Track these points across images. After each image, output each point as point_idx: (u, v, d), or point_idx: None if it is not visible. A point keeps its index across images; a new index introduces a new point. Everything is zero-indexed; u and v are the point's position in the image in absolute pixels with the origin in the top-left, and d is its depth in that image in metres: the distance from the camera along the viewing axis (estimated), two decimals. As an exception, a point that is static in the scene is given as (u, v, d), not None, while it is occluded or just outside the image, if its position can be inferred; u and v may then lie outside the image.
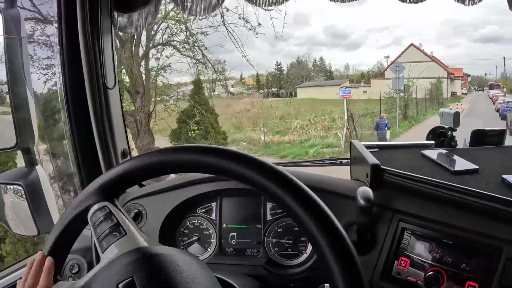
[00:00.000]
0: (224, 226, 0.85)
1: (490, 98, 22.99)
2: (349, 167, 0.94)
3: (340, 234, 0.43)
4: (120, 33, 0.99)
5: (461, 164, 0.80)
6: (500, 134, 1.02)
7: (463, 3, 0.94)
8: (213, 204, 0.86)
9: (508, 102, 14.90)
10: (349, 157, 0.93)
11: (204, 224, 0.87)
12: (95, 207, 0.49)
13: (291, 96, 21.52)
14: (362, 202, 0.63)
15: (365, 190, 0.64)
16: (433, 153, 0.86)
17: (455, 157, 0.84)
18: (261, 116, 14.25)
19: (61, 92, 0.95)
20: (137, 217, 0.86)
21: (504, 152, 0.93)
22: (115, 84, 0.92)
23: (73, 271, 0.92)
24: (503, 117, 13.19)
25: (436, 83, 18.66)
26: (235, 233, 0.85)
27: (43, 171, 0.93)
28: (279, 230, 0.82)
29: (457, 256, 0.63)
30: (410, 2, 0.89)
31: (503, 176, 0.71)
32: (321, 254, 0.42)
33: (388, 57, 19.43)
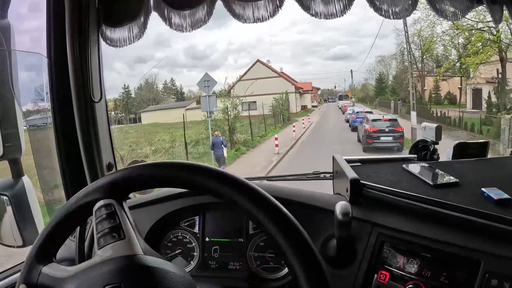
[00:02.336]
0: (207, 239, 0.86)
1: (340, 108, 24.57)
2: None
3: (302, 236, 0.44)
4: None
5: (441, 177, 0.81)
6: (483, 146, 1.03)
7: (446, 19, 0.97)
8: (196, 218, 0.87)
9: (357, 112, 14.34)
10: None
11: (187, 237, 0.87)
12: (101, 202, 0.49)
13: (136, 122, 20.17)
14: (340, 216, 0.64)
15: (344, 205, 0.65)
16: (414, 167, 0.87)
17: (436, 170, 0.85)
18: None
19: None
20: None
21: (485, 165, 0.95)
22: (101, 97, 0.93)
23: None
24: (354, 129, 12.56)
25: (281, 98, 17.31)
26: (217, 247, 0.85)
27: (30, 182, 0.94)
28: (261, 244, 0.83)
29: (436, 269, 0.64)
30: (394, 18, 0.92)
31: (482, 189, 0.72)
32: (284, 257, 0.44)
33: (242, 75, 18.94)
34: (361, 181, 0.76)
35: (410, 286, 0.65)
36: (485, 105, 13.52)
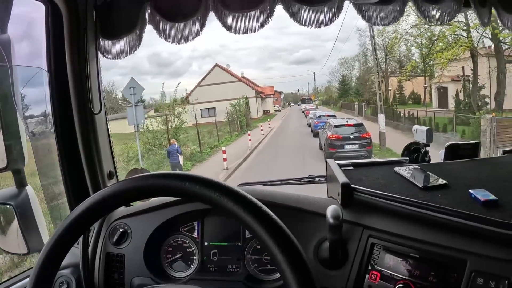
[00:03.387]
0: (205, 244, 0.89)
1: (303, 112, 24.13)
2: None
3: (287, 237, 0.45)
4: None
5: (431, 179, 0.83)
6: (474, 147, 1.05)
7: (434, 23, 1.00)
8: (195, 223, 0.90)
9: (319, 116, 13.53)
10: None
11: (187, 242, 0.90)
12: None
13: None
14: (331, 220, 0.66)
15: (334, 209, 0.68)
16: (405, 170, 0.89)
17: (426, 173, 0.87)
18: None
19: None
20: (123, 236, 0.89)
21: (476, 165, 0.96)
22: (101, 109, 0.96)
23: (61, 289, 0.94)
24: (315, 134, 11.65)
25: (237, 104, 15.96)
26: (216, 251, 0.88)
27: (33, 191, 0.96)
28: (257, 247, 0.86)
29: (425, 269, 0.66)
30: (382, 25, 0.94)
31: (470, 190, 0.74)
32: (272, 257, 0.45)
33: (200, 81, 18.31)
34: (352, 185, 0.78)
35: (400, 285, 0.67)
36: (454, 103, 13.21)
